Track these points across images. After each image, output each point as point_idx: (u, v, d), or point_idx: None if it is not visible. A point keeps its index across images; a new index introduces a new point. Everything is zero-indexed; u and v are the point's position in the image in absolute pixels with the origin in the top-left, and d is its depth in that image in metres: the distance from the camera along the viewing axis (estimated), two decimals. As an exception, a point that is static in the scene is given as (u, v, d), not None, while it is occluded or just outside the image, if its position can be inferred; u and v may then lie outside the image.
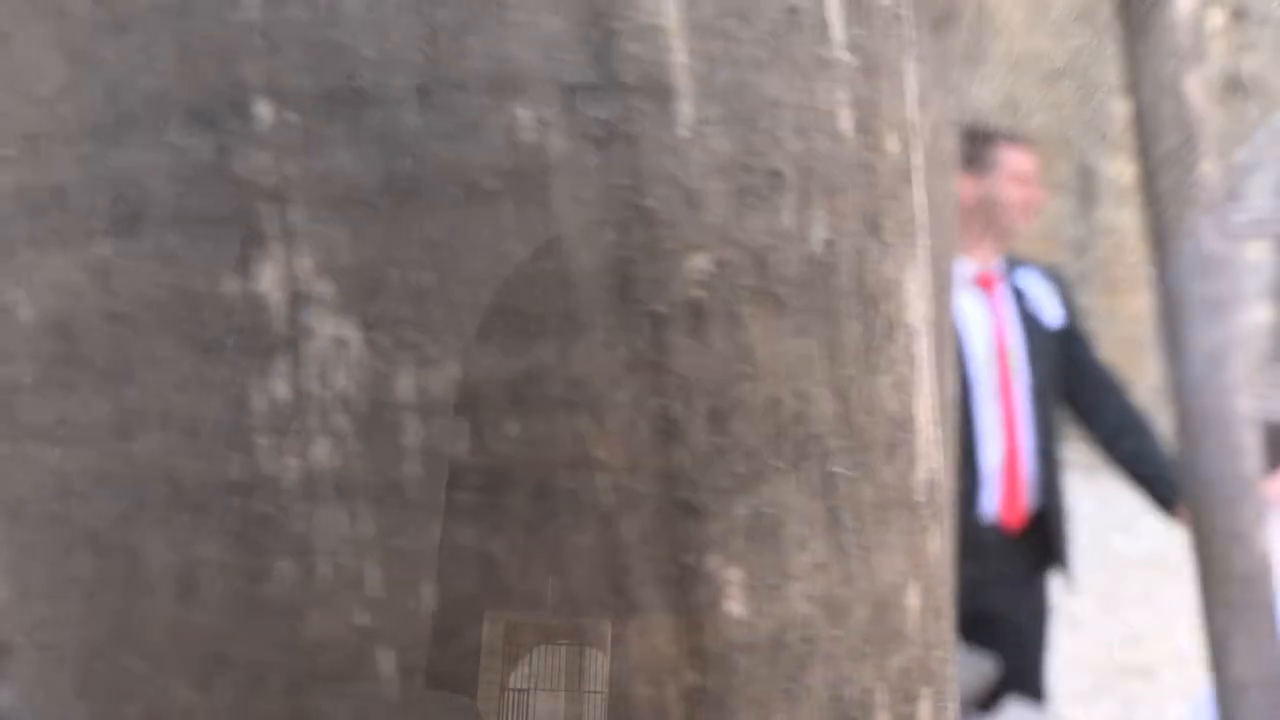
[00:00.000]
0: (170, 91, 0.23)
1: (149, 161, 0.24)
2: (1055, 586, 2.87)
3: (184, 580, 0.24)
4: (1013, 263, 2.68)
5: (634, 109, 0.24)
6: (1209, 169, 1.72)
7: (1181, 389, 1.73)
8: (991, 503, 2.54)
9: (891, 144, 0.27)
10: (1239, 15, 9.78)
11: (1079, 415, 2.71)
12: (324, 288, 0.24)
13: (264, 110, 0.24)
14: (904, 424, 0.27)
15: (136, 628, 0.24)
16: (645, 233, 0.24)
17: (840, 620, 0.26)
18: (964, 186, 2.58)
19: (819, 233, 0.26)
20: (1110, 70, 9.59)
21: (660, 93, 0.24)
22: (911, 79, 0.28)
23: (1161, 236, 1.73)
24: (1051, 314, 2.61)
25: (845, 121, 0.26)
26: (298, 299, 0.23)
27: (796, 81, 0.25)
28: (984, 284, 2.58)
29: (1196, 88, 1.70)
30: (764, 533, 0.25)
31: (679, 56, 0.24)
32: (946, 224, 0.74)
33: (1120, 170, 9.77)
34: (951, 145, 0.73)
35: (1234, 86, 9.84)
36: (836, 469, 0.26)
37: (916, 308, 0.28)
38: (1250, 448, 1.74)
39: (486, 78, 0.24)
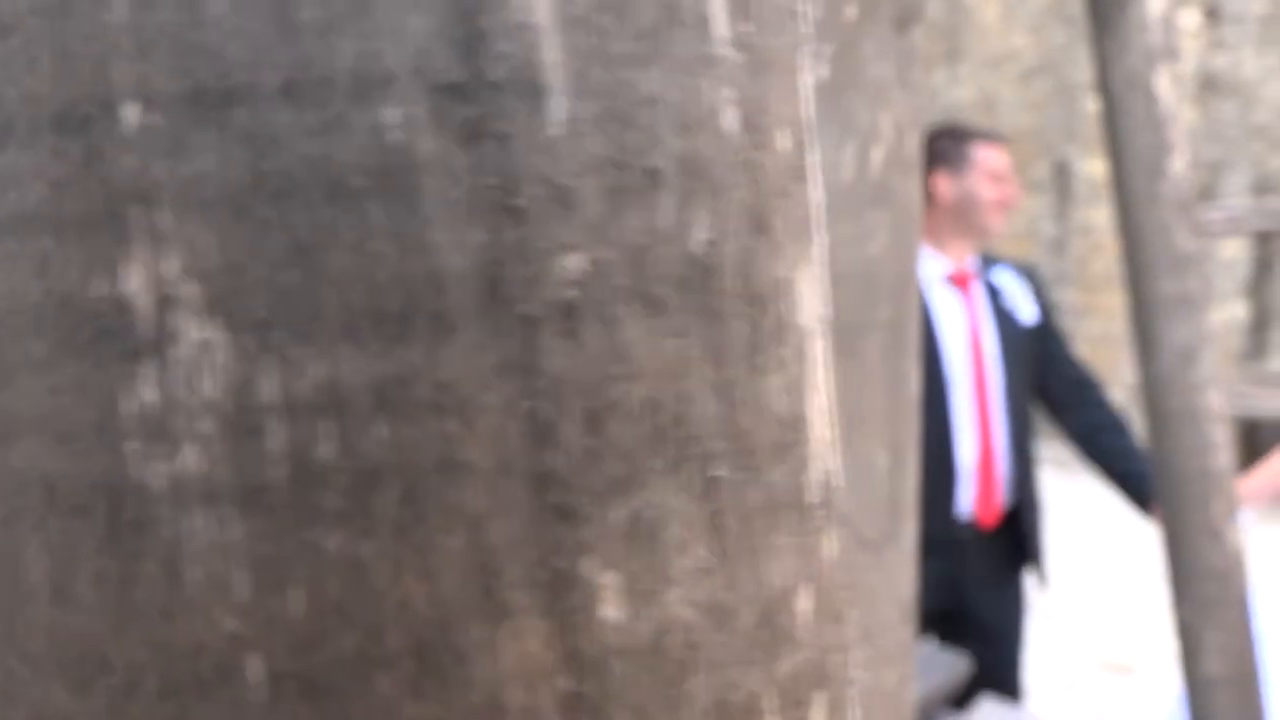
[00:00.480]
0: (46, 94, 0.23)
1: (25, 164, 0.24)
2: (1031, 584, 2.88)
3: (61, 585, 0.24)
4: (988, 260, 2.68)
5: (504, 108, 0.24)
6: (1179, 167, 1.73)
7: (1152, 385, 1.74)
8: (967, 500, 2.55)
9: (782, 142, 0.27)
10: (1213, 14, 9.84)
11: (1054, 412, 2.72)
12: (190, 290, 0.24)
13: (131, 113, 0.23)
14: (794, 426, 0.27)
15: (20, 632, 0.24)
16: (515, 233, 0.24)
17: (724, 625, 0.26)
18: (939, 185, 2.58)
19: (700, 232, 0.26)
20: (1086, 69, 9.64)
21: (531, 91, 0.24)
22: (807, 76, 0.28)
23: (1132, 234, 1.74)
24: (1026, 311, 2.62)
25: (729, 119, 0.26)
26: (165, 302, 0.23)
27: (676, 79, 0.25)
28: (959, 282, 2.59)
29: (1166, 86, 1.70)
30: (642, 536, 0.25)
31: (550, 54, 0.24)
32: (911, 224, 0.74)
33: (1097, 169, 9.81)
34: (916, 145, 0.73)
35: (1208, 85, 9.89)
36: (719, 472, 0.26)
37: (810, 308, 0.27)
38: (1221, 443, 1.75)
39: (353, 77, 0.24)
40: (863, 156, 0.73)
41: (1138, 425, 2.38)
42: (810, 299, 0.27)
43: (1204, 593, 1.75)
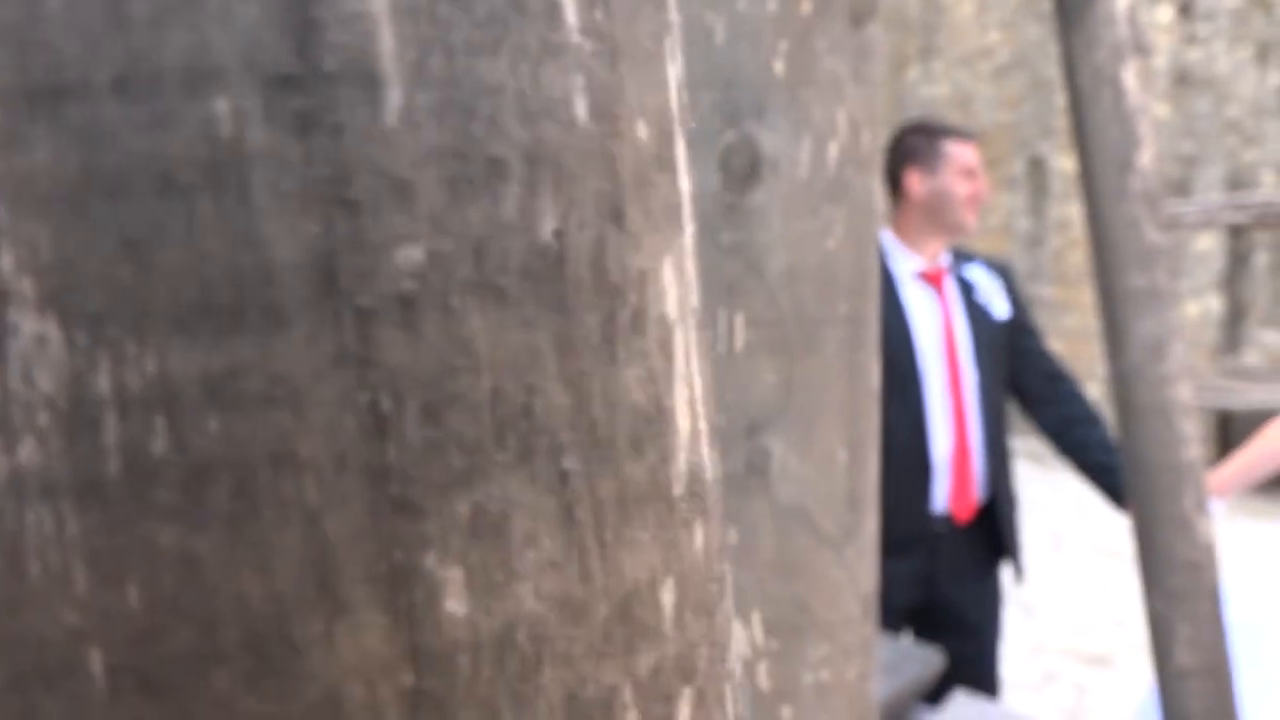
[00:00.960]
0: None
1: None
2: (1007, 577, 2.89)
3: None
4: (960, 256, 2.69)
5: (338, 99, 0.24)
6: (1147, 161, 1.74)
7: (1122, 379, 1.75)
8: (941, 495, 2.55)
9: (641, 131, 0.27)
10: (1185, 9, 9.89)
11: (1028, 407, 2.73)
12: (26, 285, 0.23)
13: None
14: (654, 418, 0.27)
15: None
16: (350, 224, 0.24)
17: (577, 619, 0.26)
18: (912, 182, 2.59)
19: (548, 222, 0.25)
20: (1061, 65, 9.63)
21: (366, 81, 0.24)
22: (673, 65, 0.28)
23: (1101, 228, 1.74)
24: (999, 306, 2.63)
25: (580, 108, 0.26)
26: (2, 297, 0.23)
27: (522, 67, 0.25)
28: (932, 278, 2.60)
29: (1133, 80, 1.71)
30: (487, 530, 0.25)
31: (386, 44, 0.24)
32: (868, 219, 0.75)
33: (1072, 164, 9.84)
34: (872, 140, 0.73)
35: (1182, 80, 9.95)
36: (570, 464, 0.26)
37: (675, 299, 0.27)
38: (1191, 436, 1.76)
39: (183, 70, 0.23)
40: (819, 152, 0.73)
41: (1110, 418, 2.39)
42: (675, 290, 0.27)
43: (1175, 584, 1.76)
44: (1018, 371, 2.70)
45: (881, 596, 2.54)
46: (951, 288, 2.62)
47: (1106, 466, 2.56)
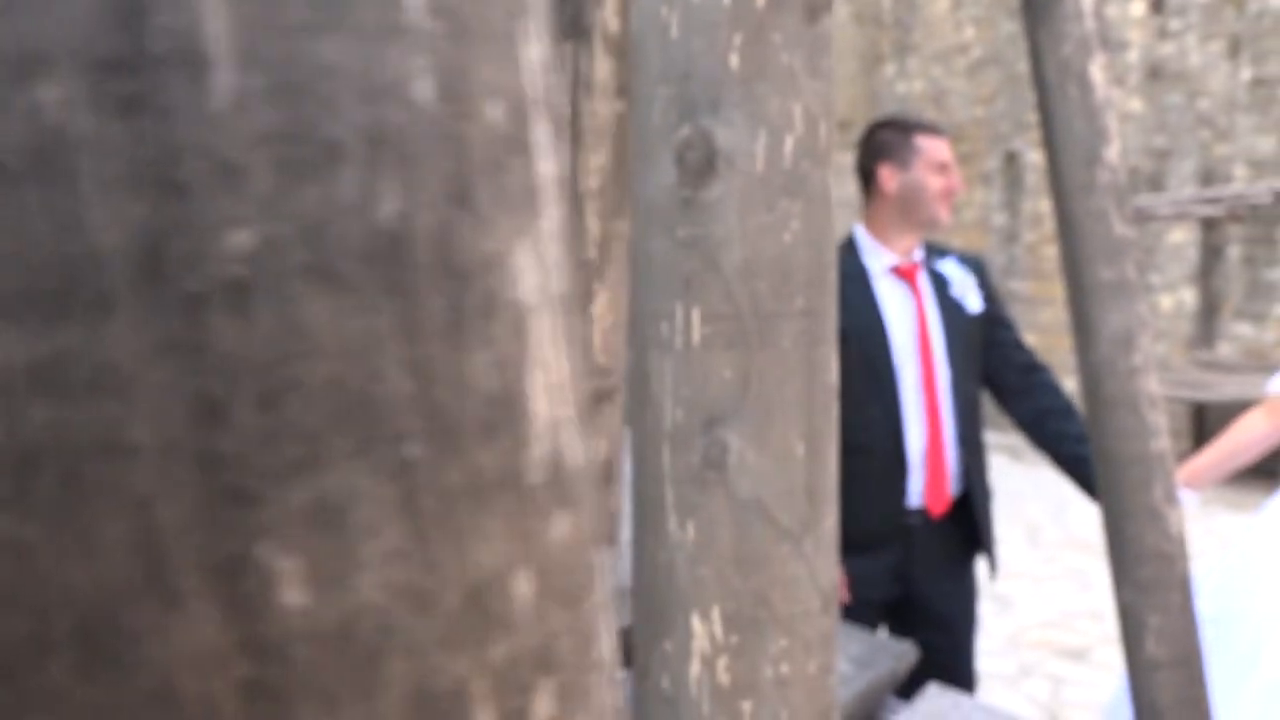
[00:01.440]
0: None
1: None
2: (982, 571, 2.90)
3: None
4: (934, 251, 2.70)
5: (165, 82, 0.24)
6: (1114, 155, 1.74)
7: (1091, 371, 1.75)
8: (916, 489, 2.56)
9: (492, 112, 0.26)
10: (1158, 4, 9.94)
11: (1003, 400, 2.74)
12: None
13: None
14: (507, 404, 0.27)
15: None
16: (178, 209, 0.24)
17: (424, 609, 0.26)
18: (884, 177, 2.59)
19: (389, 205, 0.25)
20: (1034, 60, 9.64)
21: (194, 64, 0.24)
22: (532, 45, 0.28)
23: (1068, 222, 1.75)
24: (973, 301, 2.63)
25: (424, 89, 0.26)
26: None
27: (360, 48, 0.25)
28: (905, 273, 2.60)
29: (1100, 75, 1.72)
30: (326, 519, 0.25)
31: (215, 25, 0.24)
32: (824, 213, 0.75)
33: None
34: (828, 134, 0.73)
35: (1154, 74, 10.00)
36: (414, 452, 0.26)
37: (528, 282, 0.27)
38: (1160, 428, 1.77)
39: (10, 57, 0.23)
40: (774, 146, 0.73)
41: (1083, 411, 2.40)
42: (532, 274, 0.27)
43: (1145, 576, 1.77)
44: (993, 365, 2.70)
45: (857, 591, 2.55)
46: (925, 282, 2.62)
47: (1082, 458, 2.56)
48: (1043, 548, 6.61)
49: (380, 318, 0.24)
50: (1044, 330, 10.19)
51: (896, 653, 1.88)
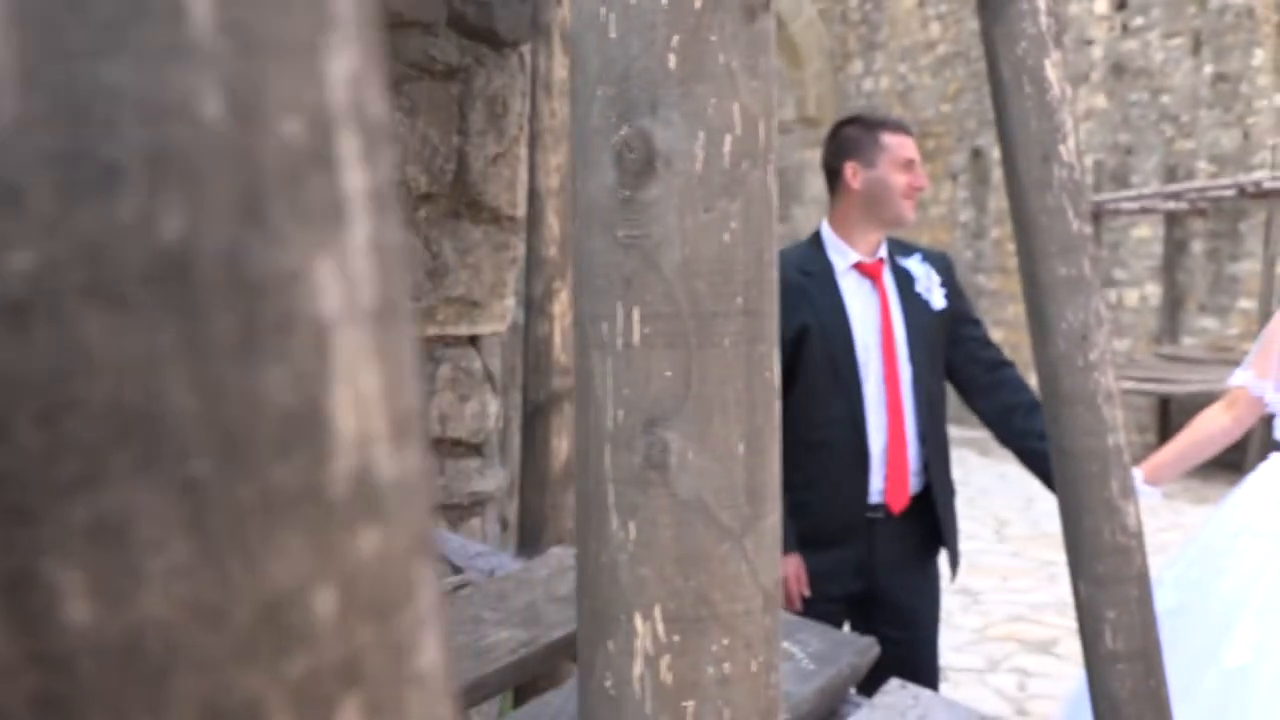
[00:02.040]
0: None
1: None
2: (946, 566, 2.92)
3: None
4: (899, 247, 2.71)
5: None
6: (1069, 151, 1.75)
7: (1048, 367, 1.76)
8: (878, 485, 2.57)
9: (289, 127, 0.27)
10: (1121, 1, 10.01)
11: (968, 396, 2.75)
12: None
13: None
14: (306, 420, 0.27)
15: None
16: None
17: (214, 625, 0.26)
18: (849, 174, 2.60)
19: (171, 224, 0.25)
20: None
21: None
22: (338, 58, 0.28)
23: (1024, 219, 1.76)
24: (937, 297, 2.64)
25: (212, 107, 0.26)
26: None
27: (143, 69, 0.25)
28: (870, 270, 2.61)
29: (1054, 72, 1.73)
30: (108, 535, 0.25)
31: None
32: (765, 212, 0.75)
33: (1012, 155, 9.91)
34: (768, 133, 0.73)
35: (1118, 71, 10.07)
36: (199, 469, 0.26)
37: (331, 298, 0.27)
38: (1117, 423, 1.78)
39: None
40: (713, 146, 0.74)
41: (1044, 407, 2.41)
42: (334, 288, 0.27)
43: (1103, 570, 1.78)
44: (958, 361, 2.71)
45: (820, 586, 2.56)
46: (890, 279, 2.63)
47: (1046, 454, 2.57)
48: (1010, 542, 6.65)
49: (163, 336, 0.24)
50: (1010, 325, 10.25)
51: (858, 648, 1.89)
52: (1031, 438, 2.62)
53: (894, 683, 1.85)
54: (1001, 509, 7.58)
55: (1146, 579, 1.79)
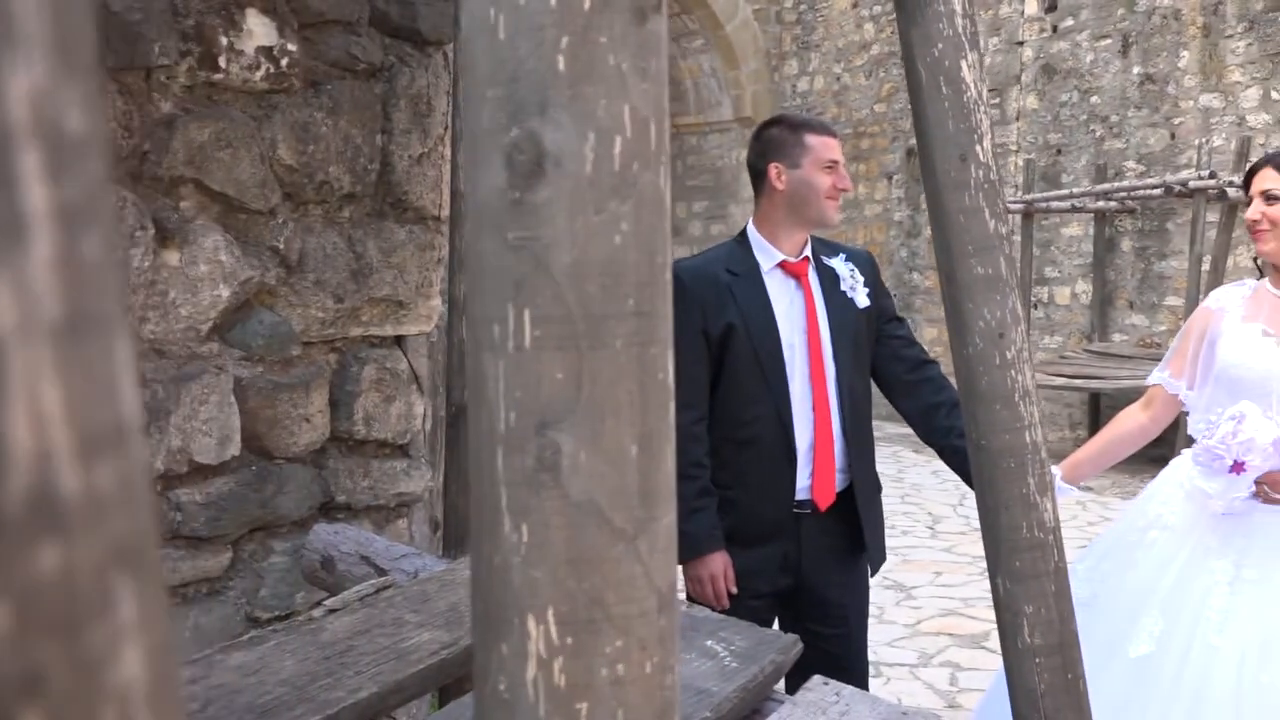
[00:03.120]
0: None
1: None
2: (874, 562, 2.93)
3: None
4: (823, 247, 2.73)
5: None
6: (985, 152, 1.77)
7: (965, 365, 1.78)
8: (804, 482, 2.59)
9: None
10: (1052, 3, 10.14)
11: (892, 395, 2.78)
12: None
13: None
14: None
15: None
16: None
17: None
18: (774, 174, 2.61)
19: None
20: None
21: None
22: (19, 75, 0.27)
23: (941, 219, 1.78)
24: (861, 296, 2.67)
25: None
26: None
27: None
28: (793, 269, 2.63)
29: (970, 73, 1.74)
30: None
31: None
32: (657, 214, 0.75)
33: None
34: (661, 136, 0.73)
35: (1048, 72, 10.20)
36: None
37: (6, 314, 0.27)
38: (1034, 419, 1.81)
39: None
40: (603, 148, 0.74)
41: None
42: (9, 306, 0.27)
43: (1020, 565, 1.81)
44: (882, 360, 2.74)
45: (747, 583, 2.57)
46: (814, 278, 2.65)
47: (967, 452, 2.61)
48: (943, 537, 6.72)
49: None
50: (944, 324, 10.34)
51: (781, 645, 1.90)
52: (953, 435, 2.65)
53: (816, 679, 1.86)
54: (935, 505, 7.66)
55: (1064, 574, 1.81)
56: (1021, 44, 10.42)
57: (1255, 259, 2.88)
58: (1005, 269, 1.76)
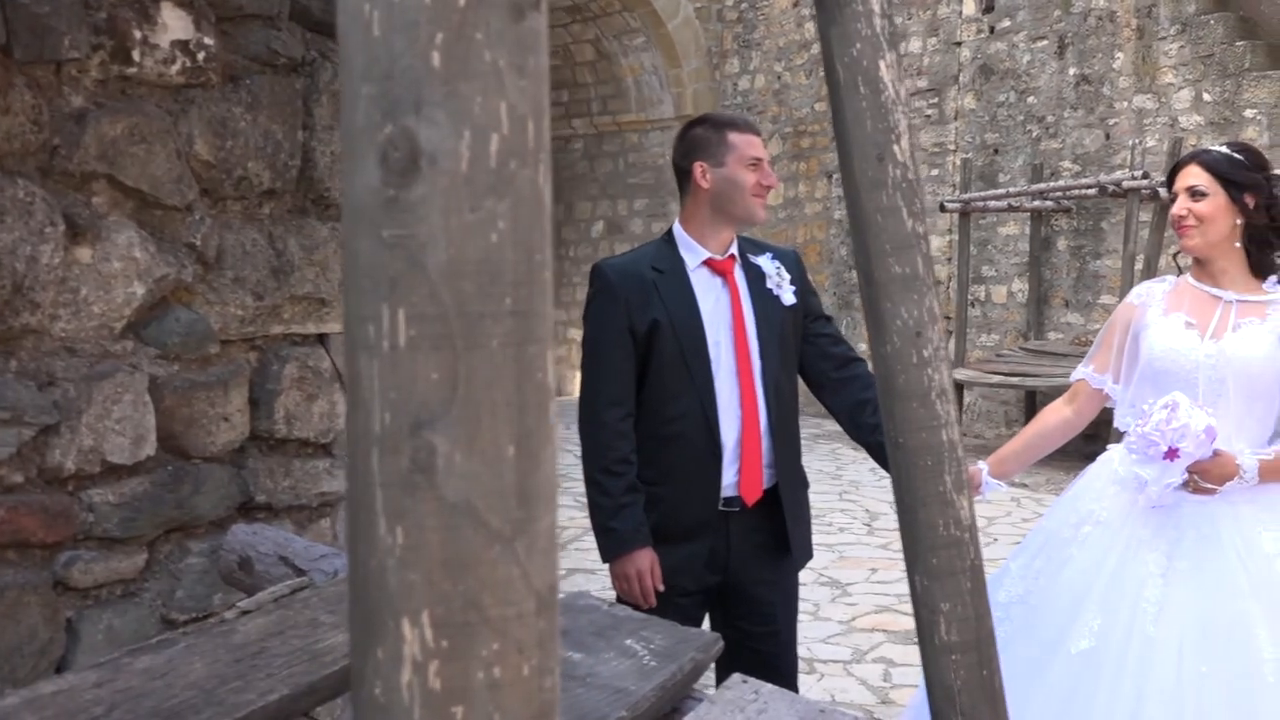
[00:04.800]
0: None
1: None
2: (819, 558, 2.94)
3: None
4: (749, 245, 2.73)
5: None
6: (903, 151, 1.78)
7: (883, 364, 1.79)
8: (730, 479, 2.59)
9: None
10: (989, 4, 10.24)
11: (819, 392, 2.79)
12: None
13: None
14: None
15: None
16: None
17: None
18: (698, 174, 2.61)
19: None
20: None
21: None
22: None
23: (859, 218, 1.79)
24: (787, 293, 2.67)
25: None
26: None
27: None
28: (719, 266, 2.63)
29: (888, 73, 1.75)
30: None
31: None
32: (535, 212, 0.74)
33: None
34: (540, 133, 0.73)
35: (986, 72, 10.29)
36: None
37: None
38: (950, 418, 1.82)
39: None
40: (479, 146, 0.73)
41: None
42: None
43: (937, 563, 1.82)
44: (809, 358, 2.75)
45: (674, 580, 2.57)
46: (740, 276, 2.66)
47: (895, 448, 2.62)
48: (880, 534, 6.76)
49: None
50: (884, 321, 10.41)
51: (701, 643, 1.90)
52: (879, 432, 2.65)
53: (736, 677, 1.86)
54: (873, 502, 7.71)
55: (980, 571, 1.82)
56: (959, 44, 10.51)
57: (1175, 255, 2.93)
58: (923, 268, 1.77)
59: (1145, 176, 8.51)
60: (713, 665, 1.99)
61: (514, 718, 0.72)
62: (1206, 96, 8.77)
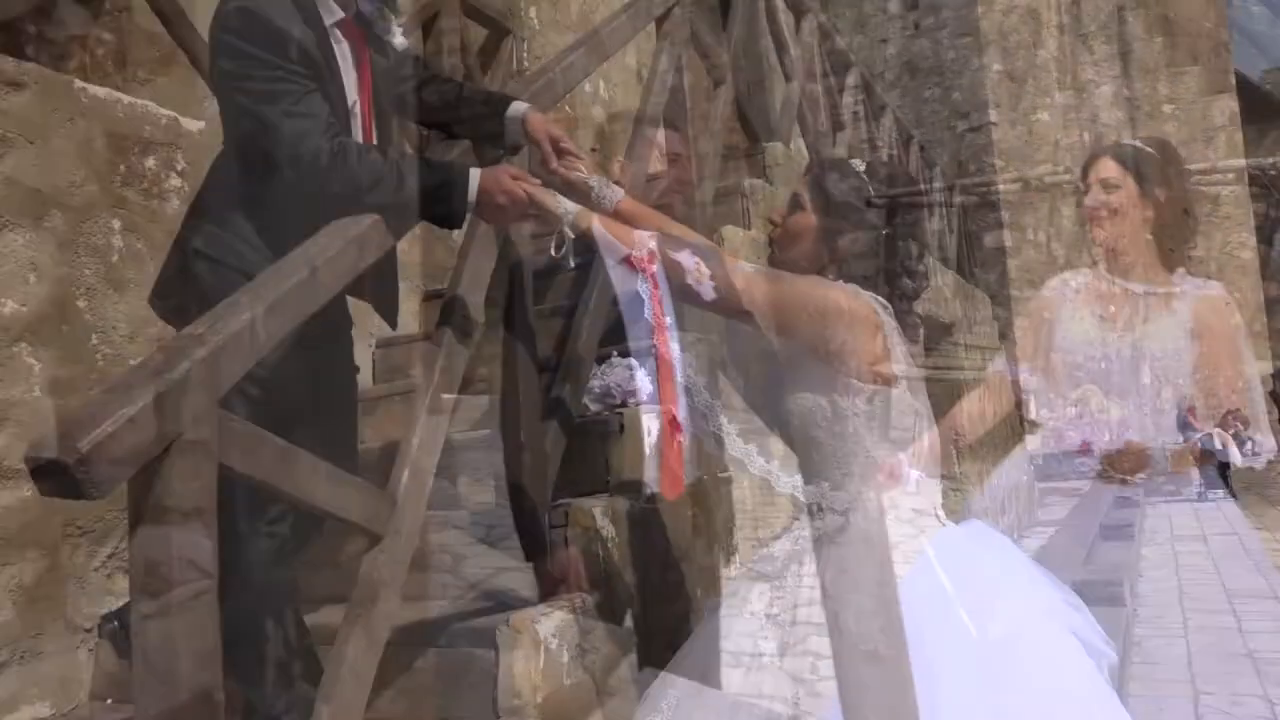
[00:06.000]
0: None
1: None
2: (744, 551, 2.95)
3: None
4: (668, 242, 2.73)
5: None
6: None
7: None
8: (652, 477, 2.59)
9: None
10: (913, 1, 10.32)
11: (747, 388, 2.80)
12: None
13: None
14: None
15: None
16: None
17: None
18: (619, 169, 2.62)
19: None
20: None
21: None
22: None
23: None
24: (707, 290, 2.67)
25: None
26: None
27: None
28: (636, 263, 2.63)
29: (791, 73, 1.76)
30: None
31: None
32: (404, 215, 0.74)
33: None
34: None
35: (911, 69, 10.38)
36: None
37: None
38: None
39: None
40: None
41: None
42: None
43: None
44: (731, 352, 2.76)
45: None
46: (659, 272, 2.65)
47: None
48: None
49: None
50: (814, 316, 10.44)
51: (617, 640, 1.90)
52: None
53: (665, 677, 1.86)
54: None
55: (891, 577, 1.84)
56: (885, 41, 10.59)
57: (1090, 249, 2.96)
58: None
59: (1066, 172, 8.62)
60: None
61: None
62: (1127, 93, 8.91)
